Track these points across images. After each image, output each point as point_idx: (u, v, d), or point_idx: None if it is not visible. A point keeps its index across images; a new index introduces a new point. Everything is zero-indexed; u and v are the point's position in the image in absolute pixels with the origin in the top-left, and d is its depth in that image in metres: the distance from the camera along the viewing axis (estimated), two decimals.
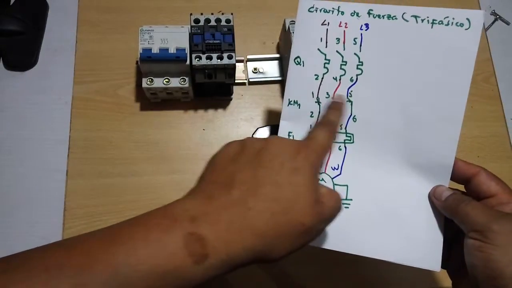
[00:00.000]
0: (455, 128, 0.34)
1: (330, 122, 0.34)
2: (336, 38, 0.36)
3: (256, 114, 0.50)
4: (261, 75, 0.52)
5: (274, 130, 0.44)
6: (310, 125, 0.37)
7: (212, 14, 0.45)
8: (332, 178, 0.36)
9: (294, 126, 0.37)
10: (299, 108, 0.37)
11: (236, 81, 0.49)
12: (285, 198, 0.27)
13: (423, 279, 0.45)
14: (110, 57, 0.51)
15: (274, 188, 0.27)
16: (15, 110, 0.48)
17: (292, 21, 0.46)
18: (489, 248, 0.28)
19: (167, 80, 0.45)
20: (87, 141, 0.47)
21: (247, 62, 0.52)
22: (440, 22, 0.34)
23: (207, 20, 0.44)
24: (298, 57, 0.37)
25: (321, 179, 0.36)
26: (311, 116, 0.37)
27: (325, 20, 0.36)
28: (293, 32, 0.44)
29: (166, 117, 0.49)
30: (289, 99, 0.37)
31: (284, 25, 0.47)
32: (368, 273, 0.45)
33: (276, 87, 0.52)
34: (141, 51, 0.43)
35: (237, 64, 0.47)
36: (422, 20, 0.35)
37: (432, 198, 0.34)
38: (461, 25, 0.34)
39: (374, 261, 0.45)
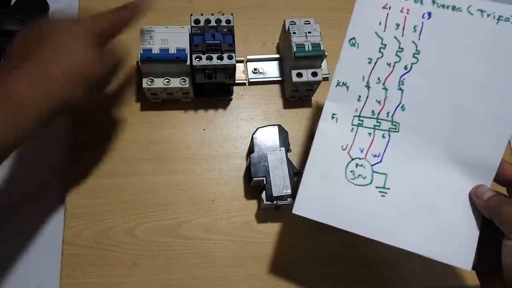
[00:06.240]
0: (506, 129, 0.34)
1: (119, 15, 0.39)
2: (396, 24, 0.35)
3: (256, 114, 0.51)
4: (261, 75, 0.52)
5: (274, 130, 0.44)
6: (356, 109, 0.36)
7: (212, 14, 0.45)
8: (372, 165, 0.36)
9: (339, 108, 0.36)
10: (347, 90, 0.36)
11: (236, 81, 0.49)
12: (68, 57, 0.34)
13: (419, 279, 0.45)
14: None
15: (56, 53, 0.34)
16: None
17: (292, 21, 0.46)
18: None
19: (167, 80, 0.45)
20: (87, 141, 0.47)
21: (247, 63, 0.52)
22: (507, 19, 0.33)
23: (207, 21, 0.45)
24: (354, 38, 0.36)
25: (360, 164, 0.35)
26: (358, 100, 0.36)
27: (386, 4, 0.35)
28: (292, 33, 0.45)
29: (166, 117, 0.49)
30: (338, 80, 0.36)
31: (284, 25, 0.47)
32: (367, 273, 0.45)
33: (276, 87, 0.52)
34: (141, 52, 0.43)
35: (237, 64, 0.47)
36: (488, 15, 0.34)
37: (473, 197, 0.34)
38: None
39: (373, 261, 0.45)
